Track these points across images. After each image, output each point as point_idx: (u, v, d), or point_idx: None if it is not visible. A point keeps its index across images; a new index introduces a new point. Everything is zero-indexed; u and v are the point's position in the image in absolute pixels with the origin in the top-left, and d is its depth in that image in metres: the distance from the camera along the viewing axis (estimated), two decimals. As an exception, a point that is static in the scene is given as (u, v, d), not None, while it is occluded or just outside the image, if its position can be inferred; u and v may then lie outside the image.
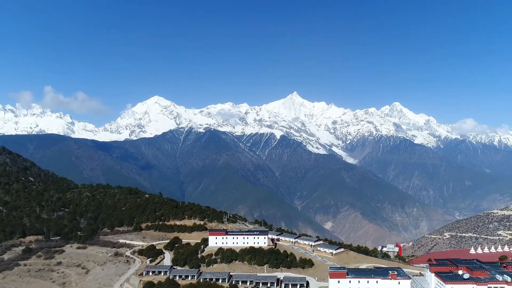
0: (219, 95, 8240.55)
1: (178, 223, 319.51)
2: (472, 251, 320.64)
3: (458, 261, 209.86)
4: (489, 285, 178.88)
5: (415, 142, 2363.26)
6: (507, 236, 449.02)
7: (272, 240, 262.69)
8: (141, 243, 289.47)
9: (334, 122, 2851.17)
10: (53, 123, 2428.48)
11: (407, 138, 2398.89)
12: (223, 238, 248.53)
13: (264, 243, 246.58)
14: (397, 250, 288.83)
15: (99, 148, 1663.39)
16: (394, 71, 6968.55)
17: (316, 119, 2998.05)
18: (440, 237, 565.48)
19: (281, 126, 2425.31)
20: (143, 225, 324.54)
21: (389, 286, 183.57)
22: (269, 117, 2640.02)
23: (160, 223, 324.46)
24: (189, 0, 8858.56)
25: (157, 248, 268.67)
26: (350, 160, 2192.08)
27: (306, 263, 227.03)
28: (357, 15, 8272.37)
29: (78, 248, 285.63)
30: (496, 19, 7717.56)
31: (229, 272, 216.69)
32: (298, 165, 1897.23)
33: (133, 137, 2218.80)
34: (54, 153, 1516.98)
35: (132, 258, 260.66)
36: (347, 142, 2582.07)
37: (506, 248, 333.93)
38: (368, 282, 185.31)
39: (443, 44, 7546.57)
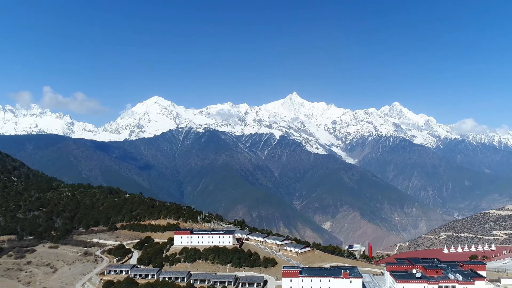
0: (219, 95, 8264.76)
1: (153, 222, 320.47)
2: (445, 250, 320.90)
3: (416, 260, 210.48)
4: (440, 284, 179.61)
5: (415, 142, 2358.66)
6: (502, 236, 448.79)
7: (239, 239, 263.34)
8: (113, 242, 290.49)
9: (334, 122, 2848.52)
10: (52, 123, 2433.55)
11: (407, 138, 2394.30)
12: (188, 237, 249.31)
13: (229, 242, 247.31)
14: (363, 250, 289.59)
15: (98, 148, 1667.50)
16: (394, 71, 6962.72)
17: (316, 119, 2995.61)
18: (437, 237, 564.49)
19: (281, 126, 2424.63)
20: (118, 225, 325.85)
21: (341, 284, 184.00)
22: (269, 117, 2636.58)
23: (135, 222, 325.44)
24: (189, 0, 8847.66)
25: (126, 247, 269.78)
26: (349, 160, 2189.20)
27: (269, 262, 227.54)
28: (357, 15, 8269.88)
29: (50, 247, 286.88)
30: (496, 19, 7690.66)
31: (189, 271, 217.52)
32: (297, 165, 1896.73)
33: (133, 137, 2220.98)
34: (53, 153, 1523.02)
35: (100, 257, 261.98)
36: (347, 142, 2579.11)
37: (480, 248, 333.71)
38: (320, 281, 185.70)
39: (443, 44, 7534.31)
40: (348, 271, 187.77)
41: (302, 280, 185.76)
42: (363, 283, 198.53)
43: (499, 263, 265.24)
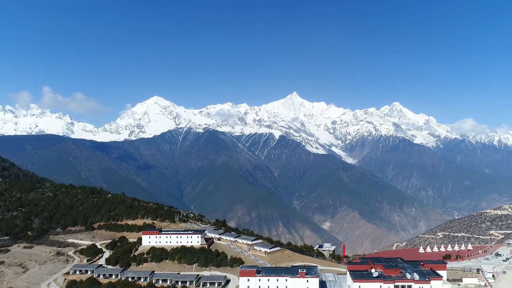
0: (218, 95, 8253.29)
1: (130, 222, 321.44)
2: (421, 250, 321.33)
3: (378, 260, 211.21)
4: (396, 283, 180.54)
5: (415, 142, 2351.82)
6: (498, 236, 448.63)
7: (209, 239, 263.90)
8: (88, 242, 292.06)
9: (334, 122, 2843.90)
10: (52, 124, 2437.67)
11: (407, 138, 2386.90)
12: (156, 237, 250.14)
13: (198, 242, 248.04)
14: (333, 250, 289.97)
15: (97, 148, 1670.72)
16: (394, 71, 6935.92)
17: (316, 119, 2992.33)
18: (433, 236, 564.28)
19: (280, 126, 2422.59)
20: (96, 225, 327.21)
21: (298, 284, 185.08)
22: (269, 117, 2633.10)
23: (113, 222, 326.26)
24: (189, 0, 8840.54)
25: (98, 247, 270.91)
26: (349, 160, 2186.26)
27: (235, 262, 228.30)
28: (357, 15, 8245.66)
29: (25, 247, 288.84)
30: (496, 19, 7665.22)
31: (153, 271, 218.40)
32: (297, 165, 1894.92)
33: (133, 138, 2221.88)
34: (52, 153, 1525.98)
35: (72, 257, 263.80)
36: (347, 142, 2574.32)
37: (456, 247, 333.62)
38: (277, 280, 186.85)
39: (443, 44, 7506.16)
40: (305, 271, 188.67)
41: (259, 280, 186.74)
42: (324, 282, 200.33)
43: (471, 262, 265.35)
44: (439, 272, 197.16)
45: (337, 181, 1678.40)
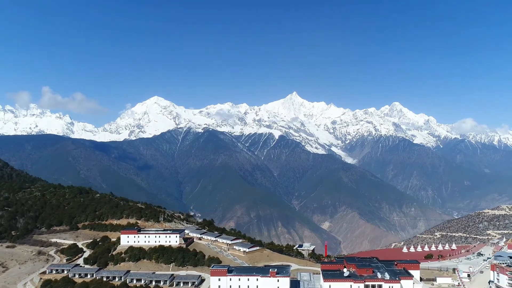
0: (218, 95, 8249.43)
1: (115, 222, 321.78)
2: (405, 250, 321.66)
3: (352, 260, 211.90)
4: (366, 283, 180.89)
5: (415, 142, 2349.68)
6: (495, 236, 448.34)
7: (188, 239, 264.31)
8: (71, 242, 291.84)
9: (334, 122, 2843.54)
10: (52, 124, 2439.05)
11: (407, 138, 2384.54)
12: (134, 237, 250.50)
13: (176, 242, 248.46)
14: (312, 249, 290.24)
15: (97, 148, 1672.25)
16: (394, 71, 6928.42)
17: (316, 119, 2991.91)
18: (431, 236, 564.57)
19: (280, 126, 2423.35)
20: (80, 225, 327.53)
21: (268, 283, 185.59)
22: (268, 117, 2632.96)
23: (98, 222, 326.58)
24: (189, 0, 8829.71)
25: (79, 246, 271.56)
26: (349, 160, 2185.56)
27: (213, 261, 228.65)
28: (357, 15, 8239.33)
29: (7, 247, 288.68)
30: (496, 19, 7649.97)
31: (128, 270, 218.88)
32: (297, 165, 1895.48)
33: (133, 137, 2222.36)
34: (51, 153, 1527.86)
35: (52, 257, 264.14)
36: (346, 142, 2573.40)
37: (440, 247, 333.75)
38: (248, 280, 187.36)
39: (443, 44, 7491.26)
40: (276, 270, 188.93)
41: (230, 279, 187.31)
42: (298, 282, 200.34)
43: (451, 262, 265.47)
44: (412, 271, 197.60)
45: (336, 181, 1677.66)
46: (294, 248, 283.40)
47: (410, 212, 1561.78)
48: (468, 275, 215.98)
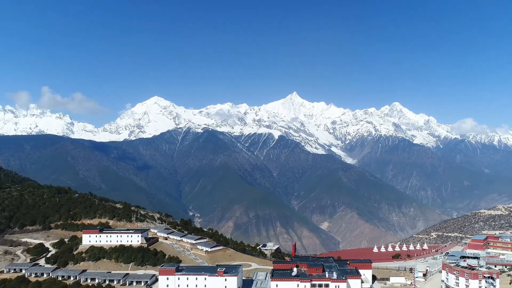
0: (218, 96, 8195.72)
1: (88, 222, 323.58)
2: (375, 250, 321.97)
3: (306, 259, 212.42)
4: (313, 282, 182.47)
5: (415, 142, 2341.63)
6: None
7: (150, 238, 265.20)
8: (42, 241, 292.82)
9: (334, 122, 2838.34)
10: (52, 124, 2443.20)
11: (406, 138, 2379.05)
12: (96, 236, 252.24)
13: (138, 241, 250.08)
14: (275, 248, 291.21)
15: (96, 148, 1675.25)
16: (394, 71, 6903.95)
17: (316, 119, 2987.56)
18: (427, 236, 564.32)
19: (280, 126, 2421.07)
20: (53, 224, 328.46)
21: (216, 282, 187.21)
22: (268, 117, 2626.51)
23: (70, 222, 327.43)
24: (188, 0, 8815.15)
25: (45, 246, 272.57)
26: (349, 160, 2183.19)
27: (172, 261, 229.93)
28: (357, 15, 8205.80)
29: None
30: (496, 19, 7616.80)
31: (83, 270, 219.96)
32: (296, 165, 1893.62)
33: (132, 138, 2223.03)
34: (50, 153, 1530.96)
35: (18, 256, 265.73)
36: (346, 142, 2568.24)
37: (412, 247, 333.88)
38: (196, 279, 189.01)
39: (443, 44, 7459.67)
40: (224, 270, 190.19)
41: (179, 278, 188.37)
42: (251, 281, 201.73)
43: (417, 262, 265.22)
44: (364, 271, 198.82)
45: (336, 181, 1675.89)
46: (258, 247, 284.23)
47: (409, 212, 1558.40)
48: (424, 275, 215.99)
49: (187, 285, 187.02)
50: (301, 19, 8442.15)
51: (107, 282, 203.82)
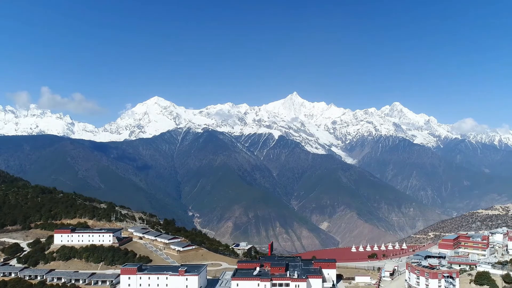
0: (219, 96, 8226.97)
1: (68, 221, 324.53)
2: (354, 249, 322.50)
3: (271, 258, 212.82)
4: (273, 281, 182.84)
5: (415, 142, 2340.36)
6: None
7: (123, 238, 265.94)
8: (18, 241, 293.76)
9: (334, 122, 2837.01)
10: (53, 124, 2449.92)
11: (407, 138, 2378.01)
12: (68, 236, 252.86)
13: (109, 241, 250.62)
14: (247, 248, 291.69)
15: (96, 148, 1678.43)
16: (394, 71, 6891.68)
17: (316, 119, 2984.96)
18: (425, 236, 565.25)
19: (280, 126, 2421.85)
20: (33, 224, 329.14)
21: (177, 281, 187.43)
22: (268, 117, 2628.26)
23: (51, 221, 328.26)
24: (188, 0, 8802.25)
25: (21, 245, 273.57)
26: (349, 160, 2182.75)
27: (142, 260, 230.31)
28: (357, 15, 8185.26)
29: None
30: (496, 19, 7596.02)
31: (51, 269, 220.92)
32: (296, 165, 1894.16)
33: (133, 138, 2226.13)
34: (50, 153, 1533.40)
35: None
36: (347, 142, 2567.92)
37: (391, 247, 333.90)
38: (158, 278, 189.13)
39: (444, 44, 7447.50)
40: (185, 269, 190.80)
41: (140, 278, 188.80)
42: (217, 280, 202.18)
43: (391, 261, 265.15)
44: (328, 270, 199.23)
45: (335, 181, 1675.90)
46: (230, 247, 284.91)
47: (409, 212, 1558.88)
48: (391, 274, 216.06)
49: (149, 285, 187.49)
50: (301, 19, 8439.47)
51: (72, 281, 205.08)
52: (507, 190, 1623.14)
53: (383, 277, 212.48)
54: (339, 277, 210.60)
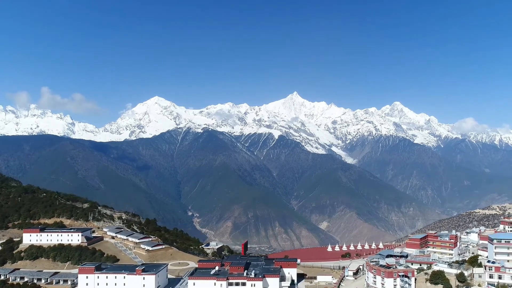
0: (219, 96, 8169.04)
1: (46, 221, 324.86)
2: (330, 249, 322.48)
3: (233, 258, 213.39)
4: (230, 280, 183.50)
5: (415, 141, 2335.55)
6: None
7: (94, 237, 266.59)
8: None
9: (334, 122, 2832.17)
10: (53, 124, 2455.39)
11: (407, 137, 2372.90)
12: (37, 235, 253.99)
13: (78, 240, 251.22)
14: (217, 248, 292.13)
15: (96, 148, 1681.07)
16: (394, 71, 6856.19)
17: (316, 119, 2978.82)
18: None
19: (280, 126, 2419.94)
20: (11, 224, 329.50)
21: (134, 280, 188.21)
22: (268, 117, 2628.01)
23: (29, 221, 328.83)
24: (188, 0, 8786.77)
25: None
26: (349, 160, 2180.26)
27: (109, 259, 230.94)
28: (358, 14, 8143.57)
29: None
30: (496, 19, 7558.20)
31: (14, 269, 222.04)
32: (296, 165, 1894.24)
33: (133, 138, 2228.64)
34: (50, 153, 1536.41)
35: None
36: (347, 142, 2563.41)
37: (367, 246, 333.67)
38: (116, 277, 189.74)
39: (444, 44, 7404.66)
40: (143, 268, 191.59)
41: (98, 277, 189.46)
42: (179, 279, 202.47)
43: (360, 260, 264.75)
44: (289, 269, 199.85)
45: (335, 181, 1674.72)
46: (200, 246, 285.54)
47: (409, 212, 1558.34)
48: (355, 273, 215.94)
49: (107, 284, 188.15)
50: (301, 19, 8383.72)
51: (35, 280, 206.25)
52: (508, 190, 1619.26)
53: (346, 276, 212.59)
54: (302, 277, 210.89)
